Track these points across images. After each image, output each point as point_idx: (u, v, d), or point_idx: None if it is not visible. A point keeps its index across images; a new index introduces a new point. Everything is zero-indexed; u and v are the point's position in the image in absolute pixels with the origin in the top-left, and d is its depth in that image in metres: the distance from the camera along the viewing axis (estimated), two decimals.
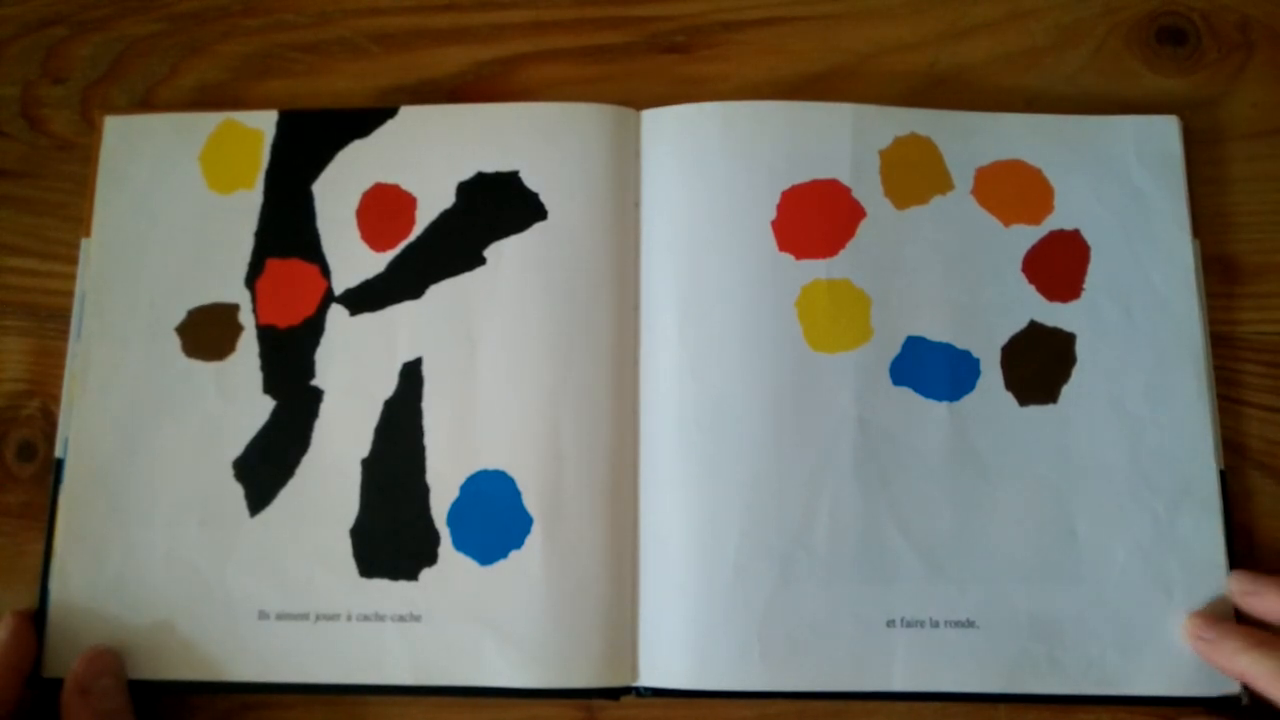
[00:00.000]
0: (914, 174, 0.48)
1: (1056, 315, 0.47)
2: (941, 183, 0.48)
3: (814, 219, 0.47)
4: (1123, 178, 0.48)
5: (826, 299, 0.46)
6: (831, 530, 0.44)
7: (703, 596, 0.44)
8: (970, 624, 0.44)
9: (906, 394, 0.46)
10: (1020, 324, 0.47)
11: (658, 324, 0.46)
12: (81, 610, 0.44)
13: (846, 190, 0.47)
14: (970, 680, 0.43)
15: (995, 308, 0.47)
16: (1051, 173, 0.48)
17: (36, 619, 0.44)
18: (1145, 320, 0.47)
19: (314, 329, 0.47)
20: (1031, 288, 0.47)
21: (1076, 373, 0.46)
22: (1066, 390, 0.46)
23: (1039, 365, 0.46)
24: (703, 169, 0.47)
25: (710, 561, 0.44)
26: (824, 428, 0.45)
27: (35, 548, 0.46)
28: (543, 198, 0.47)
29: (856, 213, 0.47)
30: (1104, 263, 0.47)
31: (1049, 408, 0.46)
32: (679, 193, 0.47)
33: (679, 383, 0.45)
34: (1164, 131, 0.49)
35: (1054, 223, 0.48)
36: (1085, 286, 0.47)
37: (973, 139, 0.49)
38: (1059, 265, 0.47)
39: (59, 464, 0.46)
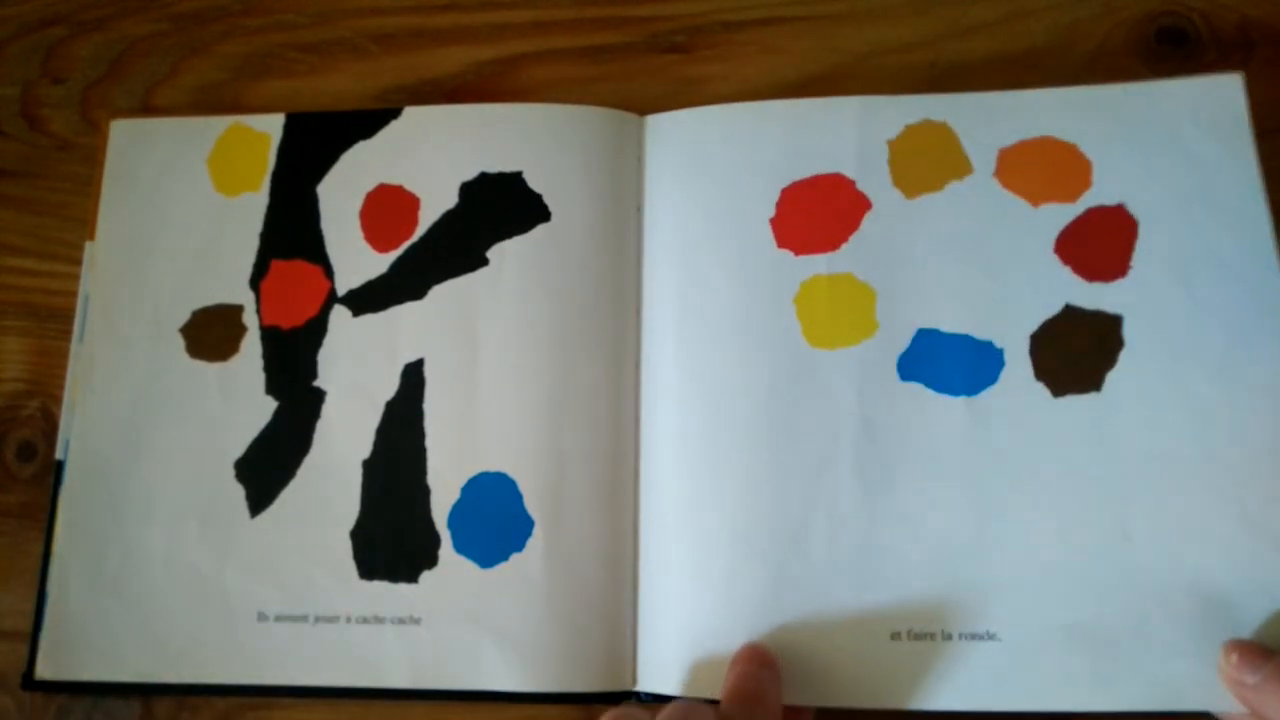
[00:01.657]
0: (926, 161, 0.46)
1: (1098, 296, 0.44)
2: (958, 167, 0.46)
3: (814, 214, 0.46)
4: (1175, 145, 0.45)
5: (826, 294, 0.45)
6: (829, 534, 0.42)
7: (697, 602, 0.42)
8: (991, 636, 0.41)
9: (916, 389, 0.44)
10: (1054, 309, 0.44)
11: (658, 326, 0.46)
12: (81, 611, 0.44)
13: (850, 183, 0.46)
14: (990, 697, 0.40)
15: (1022, 293, 0.44)
16: (1088, 146, 0.45)
17: (34, 619, 0.44)
18: (1212, 295, 0.43)
19: (317, 330, 0.47)
20: (1067, 269, 0.44)
21: (1125, 356, 0.43)
22: (1112, 376, 0.43)
23: (1077, 351, 0.43)
24: (704, 172, 0.47)
25: (703, 566, 0.43)
26: (822, 426, 0.43)
27: (35, 548, 0.45)
28: (546, 199, 0.47)
29: (861, 205, 0.46)
30: (1156, 237, 0.44)
31: (1090, 397, 0.43)
32: (681, 197, 0.47)
33: (679, 385, 0.45)
34: (1226, 91, 0.45)
35: (1093, 199, 0.45)
36: (1133, 263, 0.44)
37: (994, 120, 0.46)
38: (1100, 243, 0.44)
39: (59, 465, 0.46)
